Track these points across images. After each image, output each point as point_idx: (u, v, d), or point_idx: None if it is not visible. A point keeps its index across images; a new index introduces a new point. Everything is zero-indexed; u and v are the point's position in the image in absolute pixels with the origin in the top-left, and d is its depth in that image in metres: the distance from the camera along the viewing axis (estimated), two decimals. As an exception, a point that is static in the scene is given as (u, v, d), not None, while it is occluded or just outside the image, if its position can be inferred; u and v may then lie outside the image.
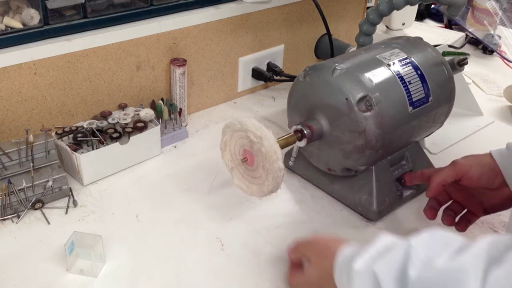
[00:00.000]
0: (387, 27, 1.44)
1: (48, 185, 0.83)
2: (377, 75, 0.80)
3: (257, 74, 1.23)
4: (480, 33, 1.54)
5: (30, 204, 0.81)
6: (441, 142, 1.06)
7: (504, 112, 1.23)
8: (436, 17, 1.78)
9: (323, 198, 0.90)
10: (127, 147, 0.92)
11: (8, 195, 0.80)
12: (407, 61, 0.84)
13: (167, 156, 1.00)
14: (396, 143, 0.84)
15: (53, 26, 0.89)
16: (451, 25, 1.70)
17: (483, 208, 0.79)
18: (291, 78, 1.20)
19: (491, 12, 1.48)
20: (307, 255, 0.67)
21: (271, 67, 1.24)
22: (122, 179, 0.92)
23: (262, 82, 1.26)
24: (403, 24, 1.44)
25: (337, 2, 1.35)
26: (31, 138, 0.86)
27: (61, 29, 0.90)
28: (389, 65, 0.82)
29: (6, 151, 0.84)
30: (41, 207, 0.82)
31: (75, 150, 0.87)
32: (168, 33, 1.02)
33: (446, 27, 1.71)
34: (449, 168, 0.77)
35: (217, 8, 1.09)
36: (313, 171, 0.91)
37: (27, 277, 0.71)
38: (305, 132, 0.81)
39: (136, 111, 0.97)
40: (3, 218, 0.80)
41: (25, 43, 0.87)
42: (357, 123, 0.77)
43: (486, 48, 1.55)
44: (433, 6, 1.78)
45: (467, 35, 1.59)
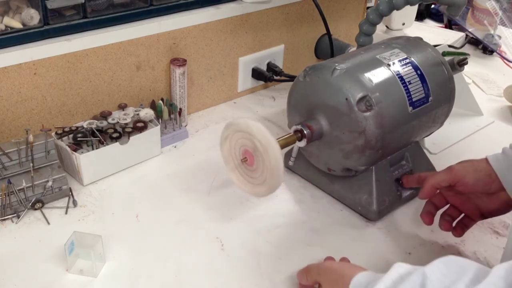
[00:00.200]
0: (387, 27, 1.44)
1: (48, 185, 0.83)
2: (377, 75, 0.80)
3: (257, 74, 1.23)
4: (480, 33, 1.54)
5: (30, 204, 0.81)
6: (441, 142, 1.06)
7: (504, 112, 1.23)
8: (436, 17, 1.78)
9: (323, 198, 0.90)
10: (127, 147, 0.92)
11: (8, 195, 0.80)
12: (407, 61, 0.84)
13: (167, 156, 1.00)
14: (396, 143, 0.84)
15: (53, 26, 0.89)
16: (451, 25, 1.70)
17: (480, 212, 0.78)
18: (291, 78, 1.20)
19: (491, 12, 1.48)
20: (319, 281, 0.66)
21: (271, 67, 1.24)
22: (122, 179, 0.92)
23: (262, 82, 1.26)
24: (403, 24, 1.44)
25: (337, 2, 1.35)
26: (31, 138, 0.86)
27: (61, 29, 0.90)
28: (389, 65, 0.82)
29: (6, 151, 0.84)
30: (41, 207, 0.82)
31: (75, 150, 0.87)
32: (168, 33, 1.02)
33: (446, 27, 1.71)
34: (444, 172, 0.77)
35: (217, 8, 1.09)
36: (313, 171, 0.91)
37: (27, 277, 0.71)
38: (305, 132, 0.81)
39: (136, 111, 0.97)
40: (3, 218, 0.80)
41: (25, 43, 0.86)
42: (357, 123, 0.77)
43: (486, 48, 1.55)
44: (433, 6, 1.78)
45: (467, 35, 1.59)
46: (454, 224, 0.79)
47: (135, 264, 0.74)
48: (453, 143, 1.08)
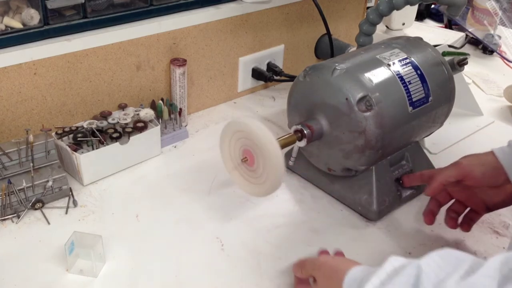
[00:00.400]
0: (387, 27, 1.44)
1: (48, 185, 0.83)
2: (377, 75, 0.80)
3: (257, 74, 1.22)
4: (480, 33, 1.54)
5: (30, 204, 0.81)
6: (441, 142, 1.06)
7: (504, 112, 1.23)
8: (436, 17, 1.78)
9: (323, 198, 0.90)
10: (127, 147, 0.92)
11: (8, 195, 0.80)
12: (407, 61, 0.84)
13: (167, 156, 1.00)
14: (396, 143, 0.84)
15: (53, 26, 0.89)
16: (451, 25, 1.70)
17: (485, 205, 0.78)
18: (291, 78, 1.20)
19: (491, 12, 1.48)
20: (313, 275, 0.66)
21: (271, 67, 1.24)
22: (122, 179, 0.92)
23: (262, 82, 1.26)
24: (403, 24, 1.44)
25: (337, 2, 1.35)
26: (31, 138, 0.86)
27: (61, 29, 0.90)
28: (389, 65, 0.82)
29: (6, 151, 0.84)
30: (41, 207, 0.82)
31: (75, 150, 0.87)
32: (168, 33, 1.02)
33: (446, 27, 1.71)
34: (451, 168, 0.77)
35: (217, 8, 1.09)
36: (313, 171, 0.91)
37: (27, 277, 0.71)
38: (305, 132, 0.81)
39: (136, 111, 0.97)
40: (3, 218, 0.80)
41: (25, 43, 0.86)
42: (357, 123, 0.77)
43: (486, 48, 1.55)
44: (433, 6, 1.78)
45: (467, 35, 1.59)
46: (460, 219, 0.79)
47: (135, 264, 0.74)
48: (453, 143, 1.08)
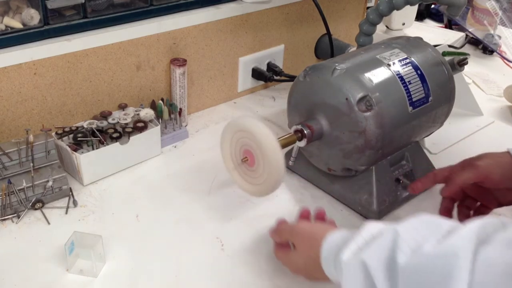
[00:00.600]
0: (387, 27, 1.44)
1: (48, 185, 0.83)
2: (377, 75, 0.80)
3: (257, 74, 1.23)
4: (480, 33, 1.54)
5: (30, 204, 0.81)
6: (441, 142, 1.06)
7: (504, 112, 1.23)
8: (436, 17, 1.78)
9: (323, 198, 0.90)
10: (127, 147, 0.92)
11: (8, 195, 0.80)
12: (407, 61, 0.84)
13: (167, 156, 1.00)
14: (396, 143, 0.84)
15: (53, 26, 0.88)
16: (451, 25, 1.70)
17: (498, 202, 0.78)
18: (291, 78, 1.20)
19: (491, 12, 1.48)
20: (292, 241, 0.67)
21: (271, 67, 1.24)
22: (122, 179, 0.92)
23: (262, 82, 1.26)
24: (403, 24, 1.44)
25: (337, 2, 1.35)
26: (31, 138, 0.86)
27: (61, 29, 0.90)
28: (389, 65, 0.82)
29: (6, 151, 0.84)
30: (41, 207, 0.82)
31: (75, 150, 0.87)
32: (168, 33, 1.02)
33: (446, 27, 1.71)
34: (469, 170, 0.75)
35: (217, 8, 1.09)
36: (313, 171, 0.91)
37: (27, 277, 0.71)
38: (305, 132, 0.81)
39: (136, 111, 0.97)
40: (3, 218, 0.80)
41: (25, 43, 0.86)
42: (357, 123, 0.77)
43: (486, 48, 1.55)
44: (433, 6, 1.78)
45: (467, 35, 1.59)
46: (471, 214, 0.80)
47: (135, 264, 0.74)
48: (453, 143, 1.08)
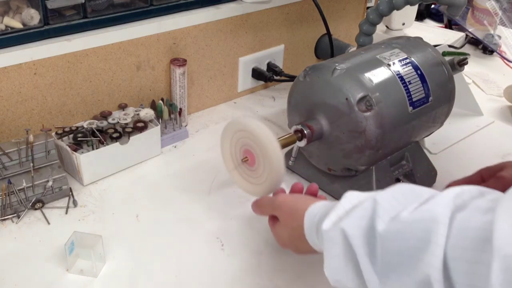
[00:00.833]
0: (387, 27, 1.44)
1: (48, 185, 0.83)
2: (377, 75, 0.80)
3: (257, 74, 1.22)
4: (480, 33, 1.54)
5: (30, 204, 0.81)
6: (441, 142, 1.06)
7: (504, 112, 1.23)
8: (436, 17, 1.78)
9: (323, 198, 0.90)
10: (127, 147, 0.92)
11: (8, 195, 0.80)
12: (407, 61, 0.84)
13: (167, 156, 1.00)
14: (396, 143, 0.84)
15: (53, 26, 0.89)
16: (451, 25, 1.70)
17: None
18: (291, 78, 1.20)
19: (491, 12, 1.48)
20: (275, 214, 0.68)
21: (271, 67, 1.24)
22: (122, 179, 0.92)
23: (262, 82, 1.26)
24: (403, 24, 1.44)
25: (337, 2, 1.35)
26: (31, 138, 0.86)
27: (61, 29, 0.90)
28: (389, 65, 0.82)
29: (6, 151, 0.84)
30: (41, 207, 0.82)
31: (75, 150, 0.87)
32: (168, 33, 1.02)
33: (446, 27, 1.71)
34: (495, 182, 0.73)
35: (217, 8, 1.09)
36: (313, 171, 0.91)
37: (27, 277, 0.71)
38: (305, 132, 0.81)
39: (136, 111, 0.97)
40: (3, 218, 0.80)
41: (25, 43, 0.86)
42: (357, 123, 0.77)
43: (486, 48, 1.55)
44: (433, 6, 1.78)
45: (467, 35, 1.59)
46: None
47: (135, 264, 0.74)
48: (453, 143, 1.08)
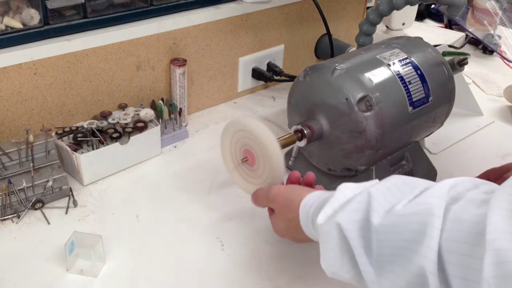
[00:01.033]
0: (387, 27, 1.44)
1: (48, 185, 0.83)
2: (377, 75, 0.80)
3: (257, 74, 1.22)
4: (480, 33, 1.54)
5: (30, 204, 0.81)
6: (441, 142, 1.06)
7: (504, 112, 1.23)
8: (436, 17, 1.78)
9: (323, 198, 0.90)
10: (127, 147, 0.92)
11: (8, 195, 0.80)
12: (407, 61, 0.84)
13: (167, 156, 1.00)
14: (396, 143, 0.84)
15: (53, 26, 0.88)
16: (451, 25, 1.70)
17: None
18: (291, 78, 1.20)
19: (491, 12, 1.48)
20: (269, 206, 0.69)
21: (271, 67, 1.24)
22: (122, 179, 0.92)
23: (262, 82, 1.26)
24: (403, 24, 1.44)
25: (337, 2, 1.35)
26: (31, 138, 0.86)
27: (61, 29, 0.90)
28: (389, 65, 0.82)
29: (6, 151, 0.84)
30: (41, 207, 0.82)
31: (75, 150, 0.87)
32: (168, 33, 1.02)
33: (446, 27, 1.71)
34: None
35: (217, 8, 1.09)
36: (313, 171, 0.91)
37: (27, 277, 0.71)
38: (305, 132, 0.81)
39: (136, 111, 0.97)
40: (3, 218, 0.80)
41: (25, 43, 0.86)
42: (357, 123, 0.77)
43: (486, 48, 1.55)
44: (433, 6, 1.78)
45: (467, 35, 1.59)
46: None
47: (135, 264, 0.74)
48: (453, 143, 1.08)
